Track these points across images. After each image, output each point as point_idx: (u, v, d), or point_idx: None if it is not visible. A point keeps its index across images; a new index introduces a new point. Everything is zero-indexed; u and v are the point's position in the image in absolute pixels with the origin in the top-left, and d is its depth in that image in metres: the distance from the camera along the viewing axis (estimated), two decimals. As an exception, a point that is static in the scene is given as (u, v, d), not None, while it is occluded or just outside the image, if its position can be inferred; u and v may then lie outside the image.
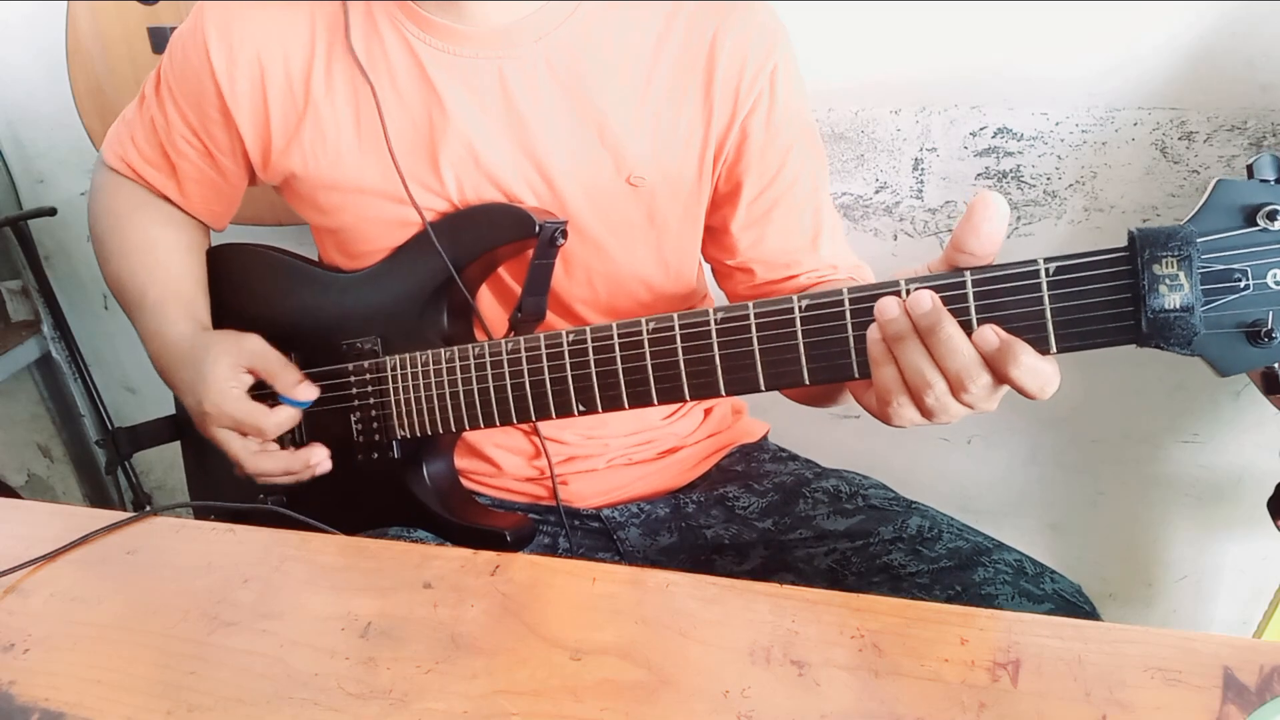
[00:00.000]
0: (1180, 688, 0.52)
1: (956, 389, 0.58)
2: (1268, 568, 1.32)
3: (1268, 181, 0.52)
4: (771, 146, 0.83)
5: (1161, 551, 1.36)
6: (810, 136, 0.87)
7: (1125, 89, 1.10)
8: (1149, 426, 1.27)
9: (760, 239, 0.86)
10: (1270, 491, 1.01)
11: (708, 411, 0.99)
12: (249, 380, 0.84)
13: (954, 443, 1.36)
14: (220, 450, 0.86)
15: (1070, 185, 1.16)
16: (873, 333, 0.59)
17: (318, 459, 0.84)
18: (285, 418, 0.83)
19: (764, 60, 0.81)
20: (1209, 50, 1.06)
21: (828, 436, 1.37)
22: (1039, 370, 0.56)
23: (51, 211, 1.54)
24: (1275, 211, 0.51)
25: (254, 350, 0.84)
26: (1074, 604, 0.75)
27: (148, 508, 0.79)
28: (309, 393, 0.84)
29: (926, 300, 0.57)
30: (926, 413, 0.60)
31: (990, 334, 0.56)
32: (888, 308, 0.58)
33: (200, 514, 0.94)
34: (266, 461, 0.84)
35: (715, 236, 0.89)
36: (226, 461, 0.96)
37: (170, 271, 0.91)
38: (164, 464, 1.79)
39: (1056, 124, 1.13)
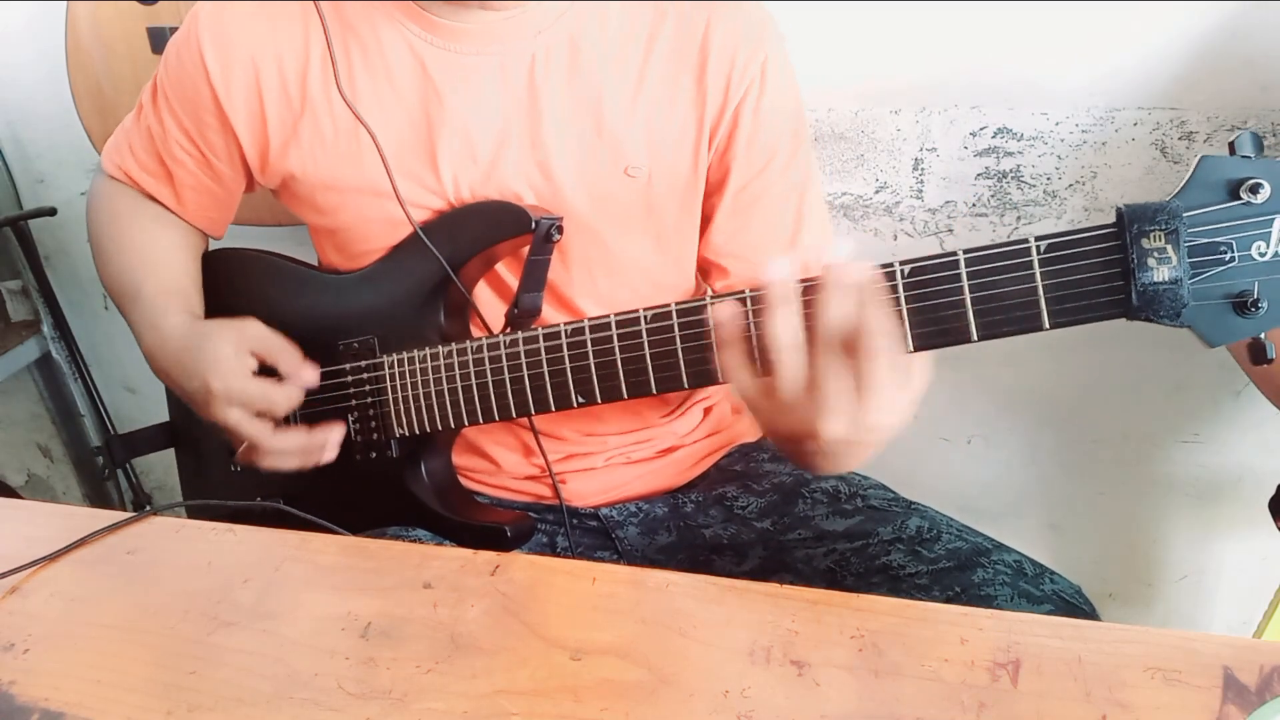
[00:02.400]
0: (1180, 688, 0.52)
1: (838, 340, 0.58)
2: (1268, 568, 1.32)
3: (1249, 157, 0.54)
4: (759, 137, 0.83)
5: (1161, 551, 1.36)
6: (799, 137, 0.87)
7: (1125, 89, 1.10)
8: (1149, 426, 1.27)
9: (738, 232, 0.87)
10: (1271, 492, 1.01)
11: (707, 410, 0.99)
12: (254, 363, 0.83)
13: (954, 443, 1.36)
14: (214, 446, 0.85)
15: (1070, 185, 1.16)
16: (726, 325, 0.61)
17: (336, 438, 0.83)
18: (296, 395, 0.82)
19: (754, 51, 0.82)
20: (1209, 50, 1.05)
21: (828, 436, 1.37)
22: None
23: (51, 211, 1.54)
24: (1258, 185, 0.53)
25: (257, 334, 0.83)
26: (1074, 605, 0.75)
27: (147, 508, 0.79)
28: (311, 376, 0.83)
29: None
30: (815, 372, 0.58)
31: (865, 266, 0.57)
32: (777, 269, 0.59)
33: (198, 514, 0.94)
34: (282, 440, 0.82)
35: (700, 228, 0.89)
36: (222, 465, 0.96)
37: (166, 268, 0.91)
38: (164, 465, 1.78)
39: (1056, 124, 1.13)
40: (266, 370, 0.83)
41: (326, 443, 0.83)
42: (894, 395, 0.58)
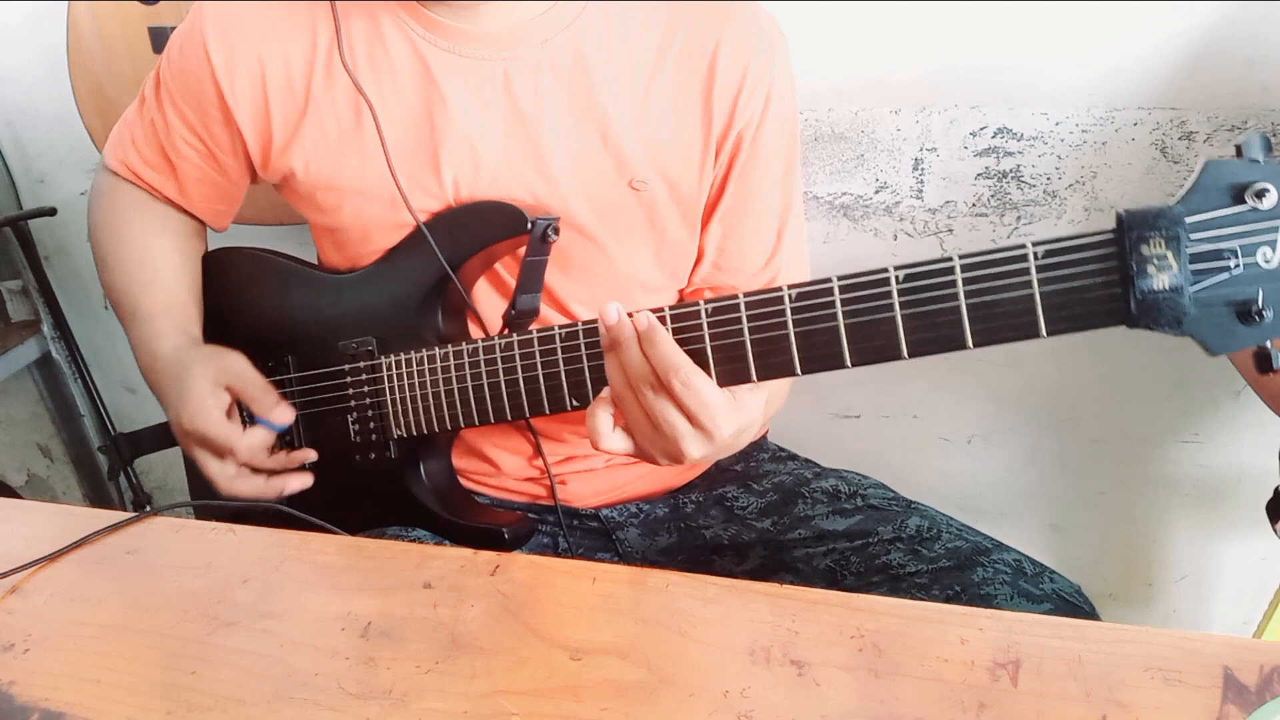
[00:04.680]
0: (1180, 688, 0.52)
1: (651, 383, 0.63)
2: (1268, 568, 1.32)
3: (1257, 161, 0.52)
4: (754, 162, 0.84)
5: (1161, 551, 1.36)
6: (790, 162, 0.87)
7: (1125, 89, 1.10)
8: (1149, 426, 1.27)
9: (719, 245, 0.87)
10: (1269, 494, 1.01)
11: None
12: (227, 399, 0.83)
13: (954, 443, 1.36)
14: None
15: (1070, 185, 1.16)
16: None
17: (295, 486, 0.84)
18: (258, 440, 0.83)
19: (763, 74, 0.81)
20: (1209, 50, 1.05)
21: (827, 436, 1.37)
22: (661, 346, 0.62)
23: (51, 211, 1.54)
24: (1265, 190, 0.51)
25: (235, 370, 0.83)
26: (1073, 604, 0.75)
27: (148, 508, 0.80)
28: (285, 415, 0.84)
29: (610, 315, 0.64)
30: (650, 412, 0.64)
31: (642, 316, 0.63)
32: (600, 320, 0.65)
33: (200, 514, 0.94)
34: (241, 485, 0.83)
35: None
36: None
37: (163, 284, 0.91)
38: (164, 464, 1.79)
39: (1056, 124, 1.13)
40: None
41: (285, 490, 0.83)
42: (731, 409, 0.64)
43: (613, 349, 0.65)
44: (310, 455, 0.86)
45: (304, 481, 0.84)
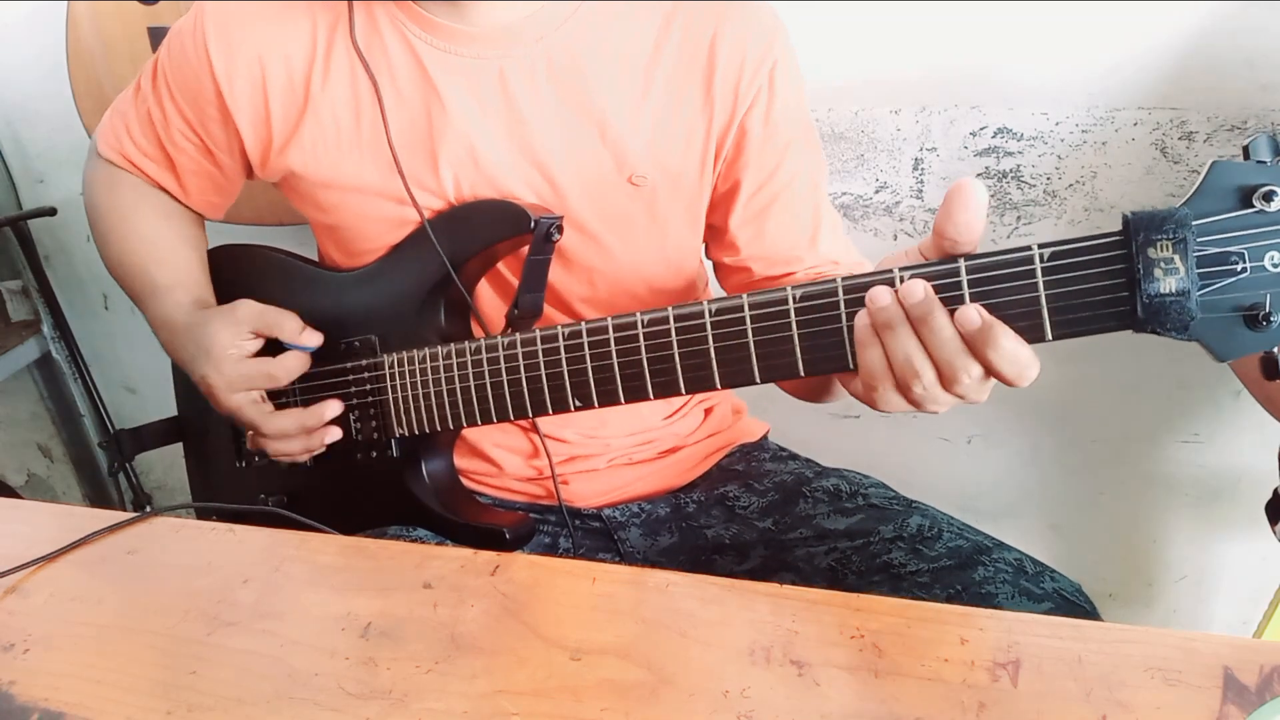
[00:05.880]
0: (1180, 688, 0.52)
1: (947, 380, 0.58)
2: (1268, 568, 1.32)
3: (1264, 163, 0.51)
4: (769, 143, 0.83)
5: (1161, 551, 1.36)
6: (808, 134, 0.87)
7: (1125, 89, 1.10)
8: (1149, 426, 1.27)
9: (758, 235, 0.86)
10: (1269, 494, 1.01)
11: (708, 411, 0.99)
12: (254, 345, 0.84)
13: (954, 443, 1.36)
14: (219, 442, 0.85)
15: (1070, 185, 1.16)
16: (861, 319, 0.59)
17: (332, 411, 0.84)
18: (294, 363, 0.83)
19: (763, 57, 0.81)
20: (1209, 50, 1.06)
21: (828, 436, 1.37)
22: (1018, 356, 0.55)
23: (51, 211, 1.54)
24: (1272, 193, 0.50)
25: (249, 313, 0.84)
26: (1074, 603, 0.75)
27: (148, 508, 0.80)
28: (313, 338, 0.85)
29: (919, 290, 0.56)
30: (914, 401, 0.60)
31: (974, 313, 0.55)
32: (879, 296, 0.58)
33: (201, 514, 0.94)
34: (281, 420, 0.83)
35: (715, 235, 0.89)
36: (227, 462, 0.96)
37: (176, 260, 0.92)
38: (164, 464, 1.79)
39: (1056, 124, 1.13)
40: (274, 346, 0.84)
41: (323, 416, 0.83)
42: (974, 392, 0.59)
43: (905, 323, 0.57)
44: (335, 406, 0.85)
45: (338, 408, 0.84)
